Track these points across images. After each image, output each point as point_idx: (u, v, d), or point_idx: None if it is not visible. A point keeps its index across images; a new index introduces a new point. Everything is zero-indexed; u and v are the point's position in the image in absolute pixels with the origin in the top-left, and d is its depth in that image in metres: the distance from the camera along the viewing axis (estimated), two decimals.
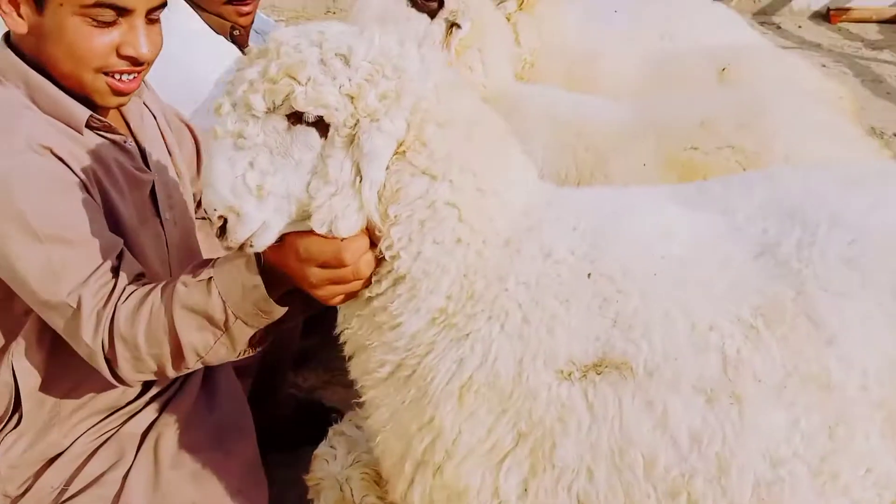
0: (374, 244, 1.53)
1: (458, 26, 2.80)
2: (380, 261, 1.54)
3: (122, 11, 1.77)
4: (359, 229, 1.50)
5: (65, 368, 1.90)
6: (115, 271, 1.75)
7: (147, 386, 2.06)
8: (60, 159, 1.76)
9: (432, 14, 2.86)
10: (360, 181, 1.46)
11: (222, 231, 1.52)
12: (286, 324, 1.77)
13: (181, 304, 1.68)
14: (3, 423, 1.94)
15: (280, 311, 1.67)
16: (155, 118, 2.17)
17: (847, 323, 1.37)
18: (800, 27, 8.00)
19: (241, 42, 3.02)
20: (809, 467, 1.39)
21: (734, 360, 1.40)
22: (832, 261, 1.41)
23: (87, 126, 1.87)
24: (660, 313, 1.46)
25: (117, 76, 1.83)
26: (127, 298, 1.72)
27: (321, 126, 1.46)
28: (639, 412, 1.45)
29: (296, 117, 1.46)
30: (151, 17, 1.84)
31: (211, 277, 1.68)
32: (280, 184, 1.47)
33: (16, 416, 1.94)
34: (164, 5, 1.86)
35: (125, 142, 1.98)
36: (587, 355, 1.48)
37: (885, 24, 7.99)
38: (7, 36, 1.88)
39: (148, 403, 2.08)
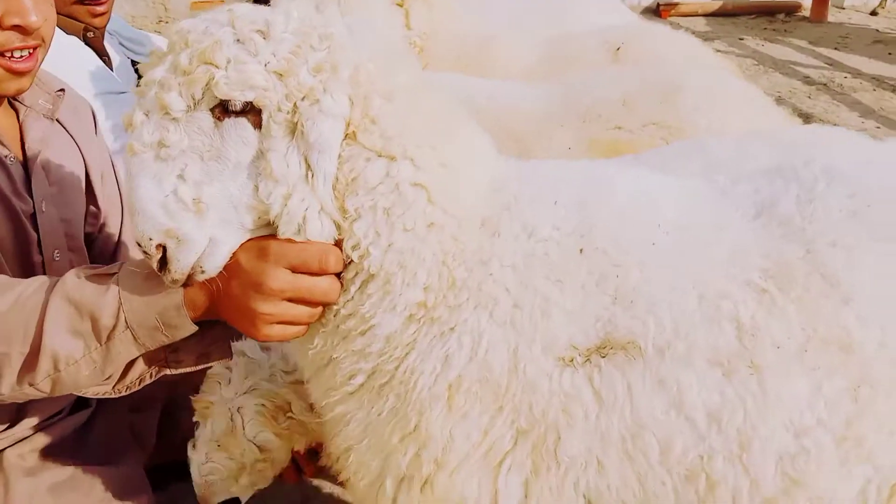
0: None
1: None
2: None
3: None
4: (333, 233, 1.31)
5: None
6: None
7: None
8: None
9: None
10: (312, 176, 1.26)
11: (163, 263, 1.28)
12: (175, 369, 1.48)
13: (64, 294, 1.36)
14: None
15: (188, 329, 1.38)
16: (81, 152, 1.87)
17: (861, 279, 1.31)
18: None
19: (95, 45, 2.74)
20: (833, 435, 1.31)
21: (750, 328, 1.31)
22: (837, 215, 1.35)
23: None
24: (663, 285, 1.35)
25: (10, 55, 1.56)
26: None
27: (253, 114, 1.28)
28: (650, 394, 1.33)
29: (222, 109, 1.28)
30: None
31: (116, 273, 1.39)
32: (220, 193, 1.29)
33: None
34: None
35: (5, 156, 1.68)
36: (589, 338, 1.35)
37: (711, 17, 8.58)
38: None
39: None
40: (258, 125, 1.28)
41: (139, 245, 1.29)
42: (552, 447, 1.36)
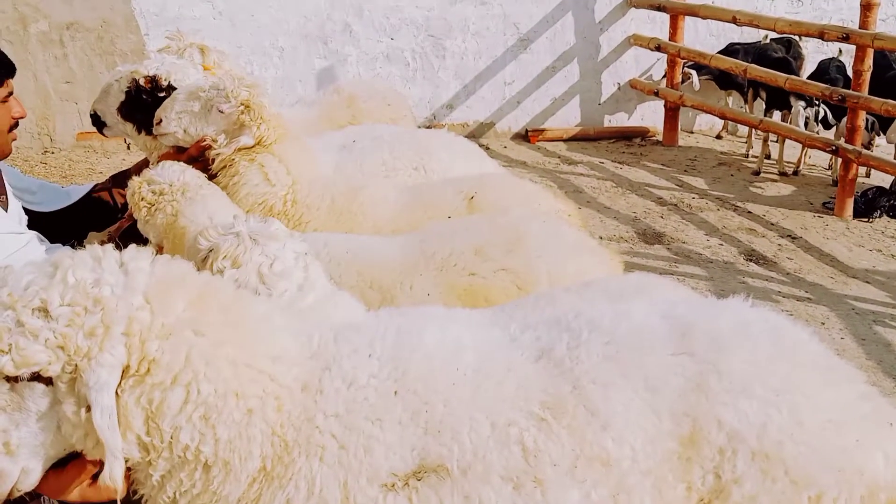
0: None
1: None
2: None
3: None
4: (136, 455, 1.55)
5: None
6: None
7: None
8: None
9: None
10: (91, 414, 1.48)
11: None
12: None
13: None
14: None
15: None
16: None
17: (615, 408, 1.66)
18: (505, 147, 9.10)
19: None
20: None
21: (533, 450, 1.63)
22: (596, 358, 1.72)
23: None
24: (464, 417, 1.66)
25: None
26: None
27: (42, 377, 1.49)
28: None
29: (12, 378, 1.48)
30: None
31: None
32: (28, 435, 1.51)
33: None
34: None
35: None
36: (406, 464, 1.63)
37: (572, 141, 9.33)
38: None
39: None
40: (49, 383, 1.50)
41: None
42: None
